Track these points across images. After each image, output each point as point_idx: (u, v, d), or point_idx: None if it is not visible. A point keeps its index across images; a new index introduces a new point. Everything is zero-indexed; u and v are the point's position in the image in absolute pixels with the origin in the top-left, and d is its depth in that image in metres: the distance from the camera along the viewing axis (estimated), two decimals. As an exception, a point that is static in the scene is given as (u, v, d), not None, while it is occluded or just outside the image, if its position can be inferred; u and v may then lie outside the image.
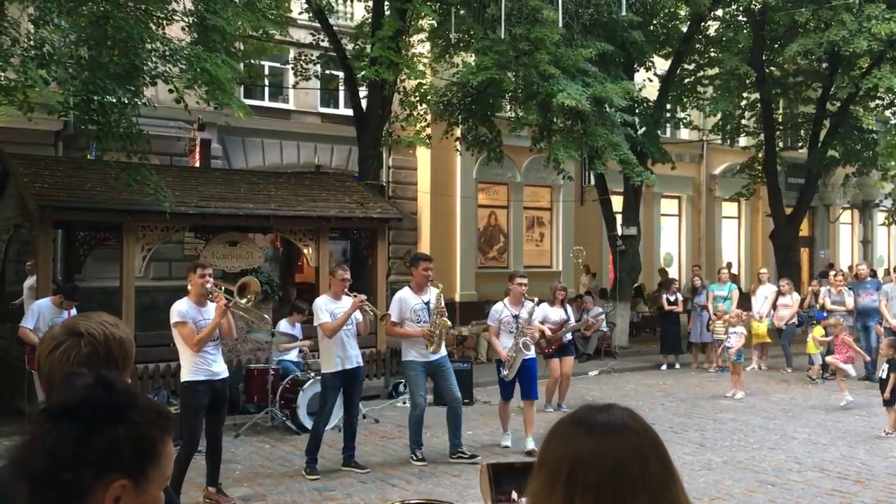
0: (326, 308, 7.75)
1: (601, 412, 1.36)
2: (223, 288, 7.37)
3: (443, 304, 8.20)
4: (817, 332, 13.13)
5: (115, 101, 9.23)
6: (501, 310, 8.67)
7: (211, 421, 6.84)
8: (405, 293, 8.21)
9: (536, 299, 8.92)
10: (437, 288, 8.30)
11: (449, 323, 8.23)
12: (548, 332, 10.46)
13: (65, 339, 1.78)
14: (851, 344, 11.75)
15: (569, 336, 11.10)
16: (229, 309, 6.93)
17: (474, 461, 7.89)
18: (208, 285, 6.84)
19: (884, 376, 9.47)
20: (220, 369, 6.87)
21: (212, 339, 6.81)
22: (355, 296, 7.92)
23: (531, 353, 8.50)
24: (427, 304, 8.09)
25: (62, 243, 13.11)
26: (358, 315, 7.89)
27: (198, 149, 15.49)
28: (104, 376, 1.31)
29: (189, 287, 6.97)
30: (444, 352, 8.27)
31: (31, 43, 8.88)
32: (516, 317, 8.49)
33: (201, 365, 6.71)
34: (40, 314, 8.89)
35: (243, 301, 7.58)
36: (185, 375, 6.77)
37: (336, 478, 7.62)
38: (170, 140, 15.36)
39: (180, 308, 6.75)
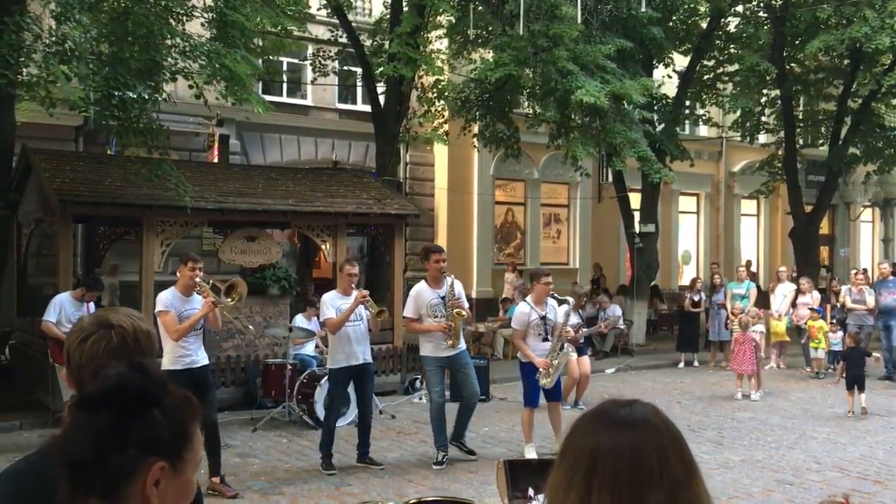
0: (333, 304, 7.72)
1: (623, 407, 1.36)
2: (211, 283, 7.49)
3: (458, 295, 7.95)
4: (818, 324, 13.45)
5: (135, 96, 9.29)
6: (528, 312, 8.03)
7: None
8: (421, 287, 8.06)
9: (570, 299, 8.67)
10: (449, 278, 8.09)
11: (465, 313, 7.92)
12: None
13: (94, 329, 1.81)
14: (754, 348, 11.69)
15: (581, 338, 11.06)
16: (215, 306, 7.13)
17: (472, 457, 8.02)
18: (197, 279, 7.08)
19: None
20: (200, 357, 7.07)
21: (194, 330, 7.02)
22: (360, 291, 7.92)
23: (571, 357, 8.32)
24: (443, 297, 7.89)
25: (82, 238, 13.22)
26: (367, 313, 7.85)
27: (216, 144, 15.58)
28: (138, 362, 1.33)
29: (178, 277, 7.20)
30: (462, 346, 8.06)
31: (53, 39, 8.95)
32: (544, 318, 8.01)
33: (180, 355, 6.91)
34: (62, 307, 8.97)
35: (228, 300, 7.69)
36: (165, 364, 6.91)
37: (353, 473, 7.64)
38: (188, 136, 15.45)
39: (165, 298, 7.02)
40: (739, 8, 17.88)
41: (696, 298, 15.26)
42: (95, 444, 1.23)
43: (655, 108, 16.89)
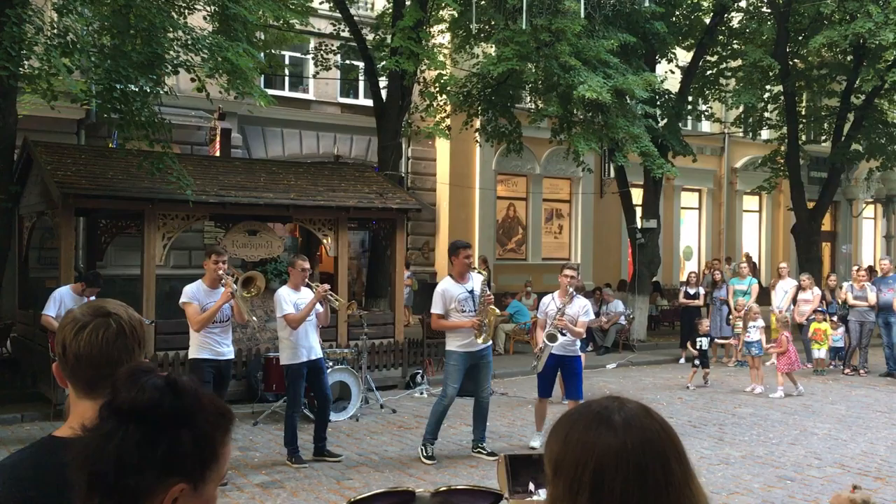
0: (289, 299, 7.72)
1: (615, 412, 1.29)
2: (234, 276, 7.68)
3: (489, 292, 7.93)
4: (823, 327, 13.55)
5: (137, 89, 9.29)
6: (548, 303, 8.35)
7: None
8: (447, 283, 7.94)
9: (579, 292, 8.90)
10: (482, 274, 8.10)
11: (497, 311, 8.08)
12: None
13: (91, 319, 1.77)
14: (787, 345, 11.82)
15: None
16: (232, 297, 7.33)
17: (493, 458, 7.93)
18: (220, 272, 7.29)
19: None
20: (227, 350, 7.38)
21: (220, 322, 7.33)
22: (317, 286, 7.96)
23: (555, 346, 8.10)
24: (471, 291, 7.81)
25: (84, 231, 13.22)
26: (318, 306, 7.91)
27: (218, 138, 15.57)
28: (175, 379, 1.30)
29: (204, 270, 7.46)
30: (489, 342, 8.00)
31: (55, 31, 8.94)
32: (561, 310, 8.19)
33: (207, 345, 7.21)
34: (62, 301, 8.97)
35: (246, 293, 7.92)
36: (192, 353, 7.28)
37: (354, 467, 7.65)
38: (190, 129, 15.45)
39: (189, 290, 7.29)
40: (743, 3, 17.83)
41: (692, 292, 15.24)
42: (118, 460, 1.21)
43: (658, 103, 16.85)
